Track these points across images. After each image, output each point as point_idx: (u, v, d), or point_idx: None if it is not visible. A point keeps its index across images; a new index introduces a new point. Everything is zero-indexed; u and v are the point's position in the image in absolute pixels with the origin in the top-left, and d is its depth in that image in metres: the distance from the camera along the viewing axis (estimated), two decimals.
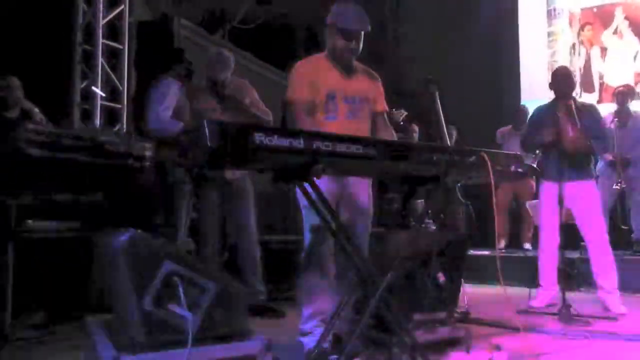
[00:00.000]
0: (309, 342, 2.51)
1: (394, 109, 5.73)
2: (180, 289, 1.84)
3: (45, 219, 3.23)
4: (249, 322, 2.06)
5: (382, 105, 2.79)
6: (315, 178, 1.88)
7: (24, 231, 3.06)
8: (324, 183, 2.24)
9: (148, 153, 3.71)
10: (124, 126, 5.07)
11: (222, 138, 1.68)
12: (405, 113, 5.68)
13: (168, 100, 3.41)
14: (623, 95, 5.24)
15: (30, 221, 3.08)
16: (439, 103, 4.77)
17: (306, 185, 1.99)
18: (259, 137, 1.75)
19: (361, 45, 2.63)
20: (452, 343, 2.69)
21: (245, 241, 3.53)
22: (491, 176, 2.17)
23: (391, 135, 2.82)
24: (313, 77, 2.58)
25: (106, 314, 2.69)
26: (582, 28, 7.25)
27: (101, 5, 4.95)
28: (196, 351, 1.81)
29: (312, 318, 2.58)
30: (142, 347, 1.80)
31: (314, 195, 2.03)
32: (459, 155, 2.21)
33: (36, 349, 2.83)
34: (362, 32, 2.60)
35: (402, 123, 5.69)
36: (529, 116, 6.10)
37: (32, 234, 3.10)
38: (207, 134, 1.66)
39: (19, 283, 3.05)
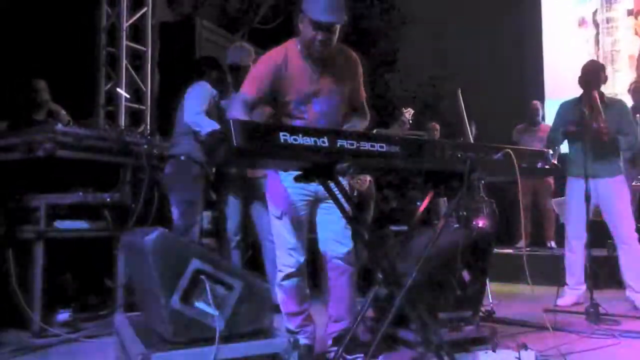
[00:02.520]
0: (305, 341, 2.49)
1: (402, 108, 5.72)
2: (208, 287, 1.86)
3: (73, 219, 3.29)
4: (274, 319, 2.08)
5: (358, 92, 2.55)
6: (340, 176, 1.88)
7: (53, 231, 3.12)
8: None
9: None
10: (148, 127, 5.14)
11: (247, 137, 1.69)
12: (413, 112, 5.67)
13: (205, 101, 3.41)
14: (637, 92, 5.15)
15: (58, 221, 3.14)
16: (461, 101, 4.75)
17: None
18: (283, 136, 1.75)
19: (335, 37, 2.34)
20: (478, 342, 2.67)
21: (267, 239, 3.55)
22: (517, 173, 2.14)
23: (364, 120, 2.58)
24: (279, 72, 2.35)
25: (133, 312, 2.74)
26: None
27: (125, 8, 5.02)
28: (223, 348, 1.83)
29: (297, 316, 2.55)
30: (171, 345, 1.82)
31: (338, 194, 2.03)
32: (484, 152, 2.19)
33: (66, 346, 2.88)
34: (337, 25, 2.31)
35: (410, 122, 5.67)
36: (540, 112, 6.11)
37: (61, 234, 3.16)
38: (233, 133, 1.67)
39: (48, 282, 3.12)
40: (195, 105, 3.37)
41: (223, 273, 1.92)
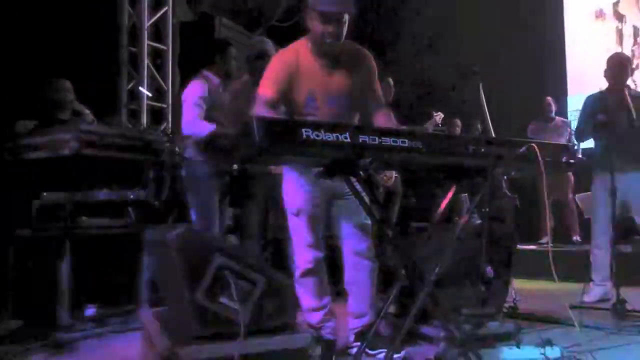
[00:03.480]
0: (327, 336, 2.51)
1: (433, 111, 5.69)
2: (232, 283, 1.87)
3: (97, 217, 3.35)
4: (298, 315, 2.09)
5: (373, 89, 2.51)
6: (362, 172, 1.88)
7: (79, 228, 3.18)
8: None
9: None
10: (169, 125, 5.19)
11: (269, 133, 1.71)
12: (442, 115, 5.65)
13: (197, 104, 3.40)
14: None
15: (84, 218, 3.19)
16: (482, 94, 4.69)
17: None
18: (305, 132, 1.76)
19: (345, 29, 2.32)
20: (502, 338, 2.65)
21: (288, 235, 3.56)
22: (542, 168, 2.11)
23: (388, 117, 2.55)
24: (292, 70, 2.36)
25: (158, 307, 2.78)
26: None
27: (146, 8, 5.08)
28: (248, 343, 1.85)
29: (318, 311, 2.55)
30: (196, 339, 1.85)
31: (360, 189, 2.04)
32: (507, 146, 2.17)
33: (94, 341, 2.94)
34: (346, 15, 2.29)
35: (440, 125, 5.66)
36: (553, 108, 6.04)
37: (86, 231, 3.21)
38: (255, 130, 1.68)
39: (75, 278, 3.18)
40: (188, 114, 3.42)
41: (246, 269, 1.94)
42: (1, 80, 3.66)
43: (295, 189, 2.48)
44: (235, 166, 3.52)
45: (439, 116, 5.56)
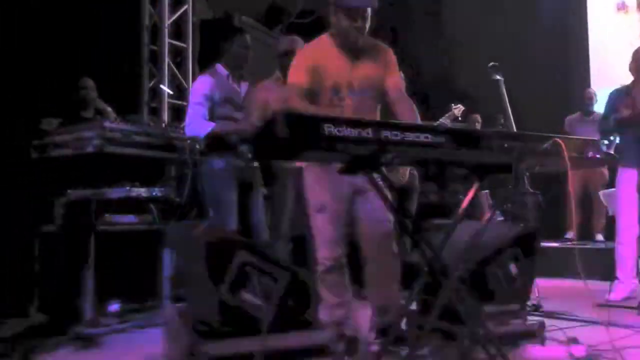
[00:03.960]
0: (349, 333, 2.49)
1: (452, 104, 5.62)
2: (254, 279, 1.88)
3: (120, 213, 3.39)
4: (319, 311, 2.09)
5: (394, 80, 2.55)
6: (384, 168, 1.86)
7: (103, 224, 3.22)
8: None
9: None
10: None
11: (291, 129, 1.70)
12: (463, 108, 5.57)
13: (201, 104, 3.35)
14: None
15: (108, 215, 3.24)
16: (504, 90, 4.64)
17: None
18: (328, 128, 1.75)
19: (368, 24, 2.39)
20: (526, 336, 2.62)
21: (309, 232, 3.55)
22: (567, 163, 2.07)
23: (410, 106, 2.56)
24: (317, 62, 2.41)
25: (180, 303, 2.81)
26: None
27: (166, 6, 5.11)
28: (270, 339, 1.85)
29: (339, 308, 2.53)
30: (219, 335, 1.86)
31: (383, 185, 2.02)
32: (532, 141, 2.13)
33: (118, 336, 2.98)
34: (369, 9, 2.36)
35: (460, 118, 5.58)
36: (595, 100, 5.87)
37: (110, 227, 3.25)
38: (278, 125, 1.67)
39: (99, 274, 3.23)
40: (188, 115, 3.42)
41: (269, 265, 1.95)
42: (27, 79, 3.71)
43: (318, 186, 2.48)
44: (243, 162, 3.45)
45: (458, 109, 5.45)
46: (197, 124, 3.34)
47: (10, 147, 3.54)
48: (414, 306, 2.75)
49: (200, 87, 3.40)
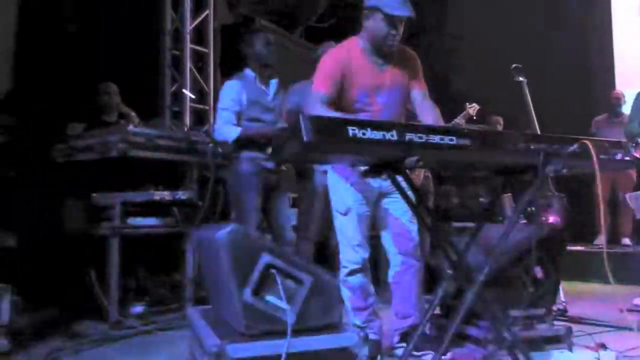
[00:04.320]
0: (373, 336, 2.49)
1: (467, 103, 5.56)
2: (279, 281, 1.88)
3: (143, 216, 3.42)
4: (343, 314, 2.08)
5: (419, 85, 2.57)
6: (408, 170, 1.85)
7: (127, 227, 3.26)
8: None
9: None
10: (211, 126, 5.27)
11: (316, 132, 1.70)
12: (478, 107, 5.50)
13: (229, 107, 3.35)
14: None
15: (132, 218, 3.27)
16: (527, 91, 4.58)
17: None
18: (352, 130, 1.75)
19: (401, 32, 2.44)
20: (552, 340, 2.58)
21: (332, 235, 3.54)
22: (596, 165, 2.04)
23: (433, 109, 2.58)
24: (344, 68, 2.43)
25: (202, 305, 2.82)
26: None
27: (188, 12, 5.17)
28: (295, 341, 1.85)
29: (363, 311, 2.54)
30: (243, 337, 1.86)
31: (406, 187, 2.01)
32: (558, 143, 2.10)
33: (141, 338, 3.01)
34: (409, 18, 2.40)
35: (474, 118, 5.51)
36: (623, 101, 5.74)
37: (134, 230, 3.29)
38: (303, 128, 1.68)
39: (123, 276, 3.27)
40: (217, 120, 3.41)
41: (293, 267, 1.94)
42: (51, 84, 3.78)
43: (343, 188, 2.48)
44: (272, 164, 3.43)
45: (472, 108, 5.35)
46: (225, 128, 3.34)
47: (36, 152, 3.61)
48: (437, 310, 2.73)
49: (228, 91, 3.40)
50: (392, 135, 1.80)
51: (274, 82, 3.51)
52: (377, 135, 1.78)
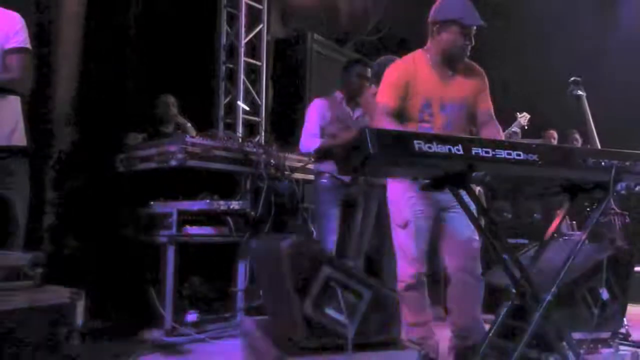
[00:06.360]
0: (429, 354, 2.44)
1: (517, 113, 5.42)
2: (339, 294, 1.87)
3: (200, 225, 3.48)
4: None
5: (485, 103, 2.57)
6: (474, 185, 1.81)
7: (183, 236, 3.32)
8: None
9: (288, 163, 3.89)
10: (262, 138, 5.34)
11: (382, 145, 1.69)
12: (529, 116, 5.35)
13: (315, 122, 3.52)
14: None
15: (188, 227, 3.33)
16: (586, 105, 4.43)
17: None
18: (418, 144, 1.73)
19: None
20: None
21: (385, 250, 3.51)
22: None
23: (497, 131, 2.59)
24: (410, 78, 2.44)
25: (254, 315, 2.84)
26: None
27: (242, 27, 5.28)
28: (354, 357, 1.83)
29: (419, 327, 2.50)
30: (302, 350, 1.86)
31: (470, 203, 1.97)
32: (630, 159, 2.02)
33: (195, 346, 3.04)
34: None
35: (526, 127, 5.36)
36: None
37: (190, 239, 3.35)
38: (369, 141, 1.67)
39: (178, 284, 3.32)
40: (306, 133, 3.56)
41: (353, 281, 1.93)
42: (112, 96, 3.92)
43: (402, 201, 2.46)
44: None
45: (524, 117, 5.22)
46: (308, 140, 3.51)
47: (99, 161, 3.74)
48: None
49: (313, 108, 3.61)
50: (459, 150, 1.78)
51: (358, 110, 3.64)
52: (443, 149, 1.76)
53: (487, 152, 1.81)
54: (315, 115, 3.52)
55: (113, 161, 3.74)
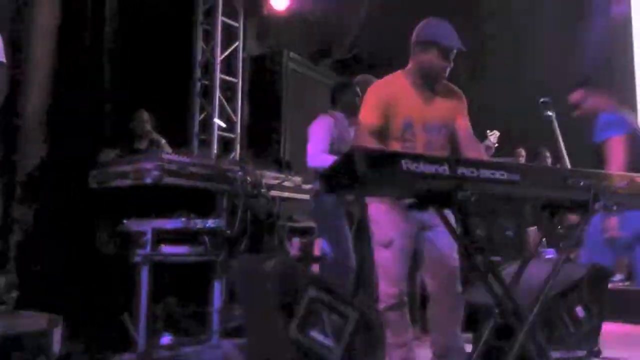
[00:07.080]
0: None
1: (487, 131, 5.52)
2: (325, 317, 1.84)
3: (175, 244, 3.41)
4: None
5: (465, 123, 2.61)
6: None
7: (158, 255, 3.24)
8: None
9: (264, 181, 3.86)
10: (237, 154, 5.30)
11: (369, 164, 1.68)
12: (498, 134, 5.45)
13: (324, 138, 3.52)
14: None
15: (163, 246, 3.25)
16: (556, 124, 4.54)
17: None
18: (405, 163, 1.73)
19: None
20: None
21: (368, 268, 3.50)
22: None
23: (480, 151, 2.66)
24: (390, 99, 2.46)
25: (229, 337, 2.77)
26: None
27: (218, 44, 5.26)
28: None
29: (399, 348, 2.41)
30: None
31: (453, 221, 1.98)
32: (609, 180, 2.06)
33: None
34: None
35: (496, 144, 5.46)
36: None
37: (165, 258, 3.27)
38: (356, 161, 1.66)
39: (152, 305, 3.23)
40: (315, 147, 3.52)
41: (339, 302, 1.90)
42: (87, 111, 3.83)
43: (386, 220, 2.45)
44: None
45: (494, 135, 5.30)
46: (319, 156, 3.47)
47: (70, 178, 3.63)
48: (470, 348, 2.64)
49: (320, 124, 3.60)
50: (445, 170, 1.78)
51: (352, 129, 3.63)
52: (430, 168, 1.76)
53: (472, 172, 1.83)
54: (324, 131, 3.52)
55: (85, 177, 3.63)
